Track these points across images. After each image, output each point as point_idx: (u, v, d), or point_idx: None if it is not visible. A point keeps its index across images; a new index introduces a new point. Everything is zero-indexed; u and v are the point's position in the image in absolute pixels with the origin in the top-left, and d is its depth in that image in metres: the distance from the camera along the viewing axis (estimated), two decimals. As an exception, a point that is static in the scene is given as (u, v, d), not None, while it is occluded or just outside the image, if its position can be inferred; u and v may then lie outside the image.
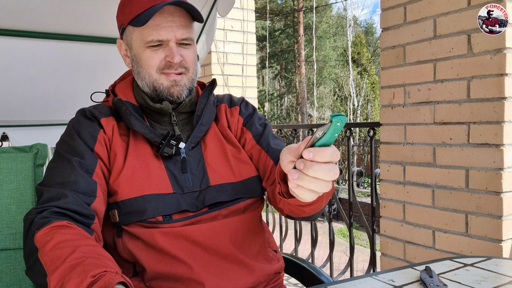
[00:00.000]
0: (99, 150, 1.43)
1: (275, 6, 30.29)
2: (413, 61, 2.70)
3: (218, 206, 1.47)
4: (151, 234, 1.38)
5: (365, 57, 31.20)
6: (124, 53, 1.57)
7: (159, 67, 1.46)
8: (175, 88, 1.48)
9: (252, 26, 5.61)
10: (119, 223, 1.41)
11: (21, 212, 1.58)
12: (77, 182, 1.34)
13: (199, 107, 1.55)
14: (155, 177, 1.43)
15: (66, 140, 1.45)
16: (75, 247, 1.12)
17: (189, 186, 1.46)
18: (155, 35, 1.43)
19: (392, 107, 2.84)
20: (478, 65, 2.37)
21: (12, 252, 1.57)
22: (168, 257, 1.38)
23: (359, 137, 24.86)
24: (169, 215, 1.41)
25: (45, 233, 1.19)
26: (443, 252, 2.58)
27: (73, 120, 1.51)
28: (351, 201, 3.50)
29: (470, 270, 1.32)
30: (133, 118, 1.45)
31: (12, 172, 1.61)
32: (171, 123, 1.54)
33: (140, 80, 1.51)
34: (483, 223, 2.38)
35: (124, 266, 1.44)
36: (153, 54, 1.46)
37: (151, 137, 1.45)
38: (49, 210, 1.27)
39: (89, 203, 1.33)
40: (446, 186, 2.55)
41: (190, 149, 1.51)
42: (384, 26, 2.88)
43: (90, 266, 1.04)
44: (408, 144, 2.76)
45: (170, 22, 1.44)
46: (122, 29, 1.53)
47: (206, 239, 1.40)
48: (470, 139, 2.42)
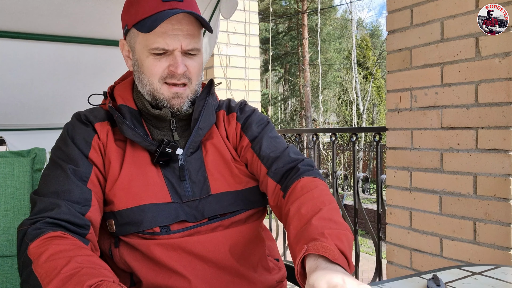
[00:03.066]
0: (93, 156, 1.42)
1: (279, 8, 30.31)
2: (420, 65, 2.69)
3: (219, 217, 1.45)
4: (148, 246, 1.37)
5: (370, 61, 31.20)
6: (126, 54, 1.54)
7: (162, 76, 1.43)
8: (176, 100, 1.45)
9: (255, 29, 5.61)
10: (116, 233, 1.40)
11: (18, 218, 1.58)
12: (71, 191, 1.34)
13: (197, 110, 1.51)
14: (152, 185, 1.41)
15: (61, 146, 1.44)
16: (70, 257, 1.12)
17: (188, 194, 1.44)
18: (160, 43, 1.39)
19: (398, 111, 2.84)
20: (486, 68, 2.36)
21: (8, 259, 1.56)
22: (165, 269, 1.37)
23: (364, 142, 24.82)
24: (167, 226, 1.39)
25: (39, 245, 1.19)
26: (451, 260, 2.57)
27: (67, 125, 1.50)
28: (356, 207, 3.49)
29: (479, 278, 1.31)
30: (125, 127, 1.42)
31: (9, 177, 1.61)
32: (170, 128, 1.51)
33: (141, 86, 1.48)
34: (491, 230, 2.37)
35: (121, 276, 1.43)
36: (156, 62, 1.42)
37: (145, 145, 1.42)
38: (42, 221, 1.26)
39: (84, 212, 1.32)
40: (454, 193, 2.54)
41: (188, 155, 1.48)
42: (390, 28, 2.88)
43: (86, 276, 1.04)
44: (414, 149, 2.75)
45: (177, 30, 1.39)
46: (126, 30, 1.49)
47: (205, 251, 1.38)
48: (478, 144, 2.41)
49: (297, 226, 1.23)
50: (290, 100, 33.73)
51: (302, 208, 1.27)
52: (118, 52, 2.64)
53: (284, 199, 1.40)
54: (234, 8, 2.82)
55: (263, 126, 1.58)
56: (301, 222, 1.23)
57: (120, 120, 1.43)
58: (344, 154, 21.88)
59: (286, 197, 1.39)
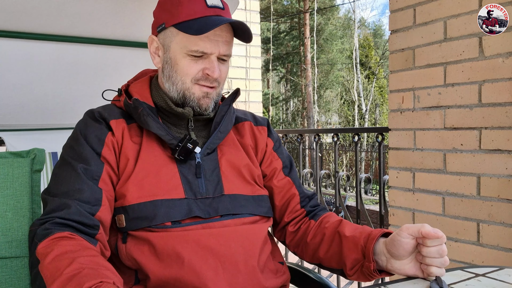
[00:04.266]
0: (106, 154, 1.44)
1: (280, 7, 30.32)
2: (423, 65, 2.70)
3: (231, 215, 1.48)
4: (162, 237, 1.38)
5: (373, 60, 31.19)
6: (154, 51, 1.57)
7: (195, 78, 1.48)
8: (205, 100, 1.51)
9: (256, 28, 5.60)
10: (125, 228, 1.42)
11: (17, 219, 1.58)
12: (82, 190, 1.36)
13: (219, 114, 1.57)
14: (166, 181, 1.44)
15: (72, 145, 1.46)
16: (73, 258, 1.14)
17: (202, 192, 1.47)
18: (201, 47, 1.45)
19: (401, 111, 2.84)
20: (489, 68, 2.36)
21: (7, 260, 1.56)
22: (176, 262, 1.37)
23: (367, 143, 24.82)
24: (179, 221, 1.41)
25: (46, 245, 1.22)
26: (454, 261, 2.57)
27: (80, 123, 1.52)
28: (358, 208, 3.49)
29: (482, 280, 1.31)
30: (150, 119, 1.46)
31: (8, 178, 1.61)
32: (187, 127, 1.55)
33: (170, 84, 1.52)
34: (495, 231, 2.37)
35: (126, 274, 1.43)
36: (192, 63, 1.48)
37: (168, 139, 1.46)
38: (51, 222, 1.29)
39: (94, 212, 1.35)
40: (457, 194, 2.54)
41: (205, 155, 1.52)
42: (393, 28, 2.88)
43: (85, 278, 1.06)
44: (417, 150, 2.75)
45: (218, 36, 1.46)
46: (161, 28, 1.52)
47: (217, 244, 1.40)
48: (482, 145, 2.41)
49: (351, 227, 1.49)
50: (291, 100, 33.73)
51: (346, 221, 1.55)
52: (118, 52, 2.65)
53: (310, 219, 1.64)
54: (235, 7, 2.82)
55: (291, 162, 1.74)
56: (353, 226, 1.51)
57: (146, 113, 1.46)
58: (346, 155, 21.88)
59: (320, 218, 1.61)
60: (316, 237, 1.56)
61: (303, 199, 1.66)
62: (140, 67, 1.81)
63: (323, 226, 1.55)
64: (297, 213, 1.65)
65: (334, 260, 1.50)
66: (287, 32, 31.89)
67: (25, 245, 1.57)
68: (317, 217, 1.61)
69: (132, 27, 2.52)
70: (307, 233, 1.59)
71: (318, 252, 1.55)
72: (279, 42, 31.57)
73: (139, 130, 1.51)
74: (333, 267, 1.53)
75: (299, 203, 1.65)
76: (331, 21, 31.46)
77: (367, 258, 1.36)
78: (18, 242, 1.57)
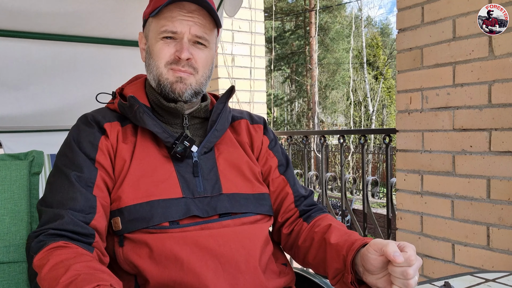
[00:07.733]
0: (101, 159, 1.45)
1: (285, 5, 30.31)
2: (431, 64, 2.69)
3: (230, 215, 1.48)
4: (160, 239, 1.38)
5: (381, 60, 31.16)
6: (142, 46, 1.63)
7: (168, 61, 1.51)
8: (179, 84, 1.51)
9: (261, 27, 5.60)
10: (121, 231, 1.41)
11: (15, 223, 1.59)
12: (75, 199, 1.36)
13: (215, 112, 1.58)
14: (163, 181, 1.45)
15: (66, 152, 1.47)
16: (69, 266, 1.15)
17: (200, 191, 1.48)
18: (169, 26, 1.48)
19: (409, 112, 2.84)
20: (500, 68, 2.36)
21: (5, 265, 1.57)
22: (175, 264, 1.37)
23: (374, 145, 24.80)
24: (176, 221, 1.41)
25: (42, 257, 1.23)
26: (463, 266, 2.57)
27: (73, 129, 1.53)
28: (365, 212, 3.49)
29: (492, 286, 1.31)
30: (146, 116, 1.47)
31: (6, 181, 1.61)
32: (182, 126, 1.57)
33: (149, 72, 1.56)
34: (505, 235, 2.37)
35: (125, 279, 1.43)
36: (164, 46, 1.51)
37: (164, 137, 1.47)
38: (45, 233, 1.30)
39: (88, 221, 1.35)
40: (466, 197, 2.54)
41: (202, 154, 1.53)
42: (400, 27, 2.88)
43: (82, 283, 1.08)
44: (426, 152, 2.75)
45: (187, 17, 1.49)
46: (144, 21, 1.60)
47: (216, 245, 1.40)
48: (492, 147, 2.41)
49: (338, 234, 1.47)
50: (296, 101, 33.70)
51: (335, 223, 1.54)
52: (116, 52, 2.65)
53: (304, 220, 1.62)
54: (239, 6, 2.82)
55: (287, 160, 1.75)
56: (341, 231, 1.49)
57: (142, 110, 1.48)
58: (352, 157, 21.86)
59: (313, 221, 1.60)
60: (306, 241, 1.56)
61: (297, 198, 1.66)
62: (139, 67, 1.82)
63: (313, 230, 1.55)
64: (290, 212, 1.65)
65: (321, 267, 1.50)
66: (292, 31, 31.86)
67: (23, 249, 1.57)
68: (310, 219, 1.60)
69: (131, 27, 2.52)
70: (299, 235, 1.59)
71: (308, 257, 1.55)
72: (284, 42, 31.55)
73: (134, 130, 1.52)
74: (321, 274, 1.55)
75: (293, 202, 1.65)
76: (338, 19, 31.42)
77: (346, 269, 1.34)
78: (16, 247, 1.58)
